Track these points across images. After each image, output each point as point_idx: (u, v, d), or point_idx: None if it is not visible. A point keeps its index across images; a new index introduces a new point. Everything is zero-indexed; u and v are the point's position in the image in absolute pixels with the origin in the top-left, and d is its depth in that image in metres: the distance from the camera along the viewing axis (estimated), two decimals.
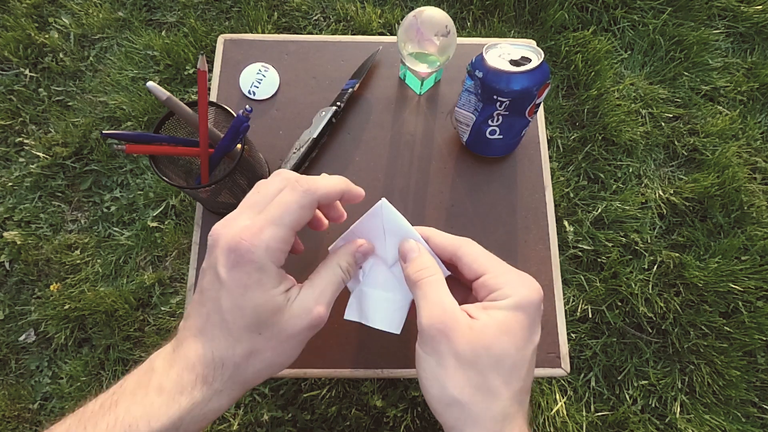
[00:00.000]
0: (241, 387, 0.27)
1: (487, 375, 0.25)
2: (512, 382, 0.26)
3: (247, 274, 0.25)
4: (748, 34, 1.27)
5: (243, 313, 0.25)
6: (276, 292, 0.26)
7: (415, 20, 0.46)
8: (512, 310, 0.26)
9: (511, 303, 0.26)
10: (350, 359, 0.46)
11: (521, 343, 0.26)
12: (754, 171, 1.15)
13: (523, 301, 0.27)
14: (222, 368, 0.26)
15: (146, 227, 1.05)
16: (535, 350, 0.27)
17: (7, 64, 1.21)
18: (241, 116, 0.42)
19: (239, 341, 0.26)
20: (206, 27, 1.23)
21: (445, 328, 0.26)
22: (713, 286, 1.02)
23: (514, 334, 0.26)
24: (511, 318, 0.26)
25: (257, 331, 0.26)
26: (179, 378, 0.25)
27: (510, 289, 0.27)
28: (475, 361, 0.25)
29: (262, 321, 0.26)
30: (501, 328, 0.26)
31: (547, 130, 1.11)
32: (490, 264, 0.29)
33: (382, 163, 0.53)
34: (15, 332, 0.99)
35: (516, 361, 0.26)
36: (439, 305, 0.27)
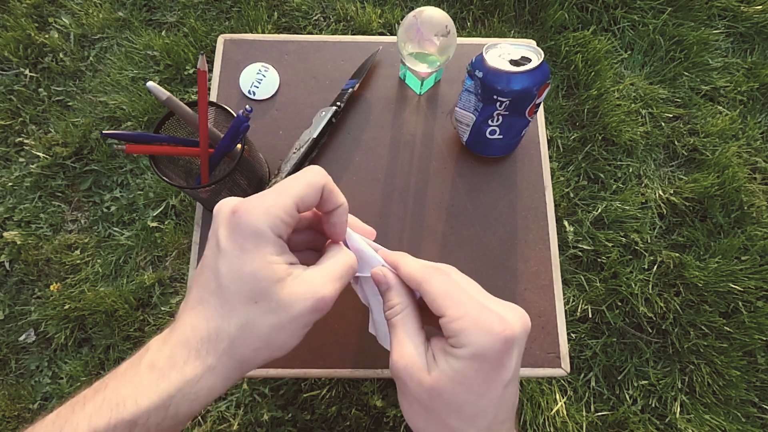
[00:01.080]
0: (236, 365, 0.25)
1: (447, 420, 0.25)
2: (477, 423, 0.25)
3: (244, 238, 0.24)
4: (748, 34, 1.27)
5: (239, 276, 0.24)
6: (276, 260, 0.25)
7: (415, 20, 0.46)
8: (469, 360, 0.25)
9: (467, 353, 0.25)
10: (350, 359, 0.46)
11: (481, 390, 0.25)
12: (754, 171, 1.15)
13: (480, 350, 0.25)
14: (216, 340, 0.24)
15: (146, 227, 1.05)
16: (508, 384, 0.26)
17: (7, 64, 1.21)
18: (241, 116, 0.42)
19: (234, 310, 0.25)
20: (206, 27, 1.23)
21: (406, 374, 0.26)
22: (713, 286, 1.02)
23: (470, 385, 0.25)
24: (467, 368, 0.25)
25: (254, 300, 0.25)
26: (172, 354, 0.24)
27: (466, 337, 0.25)
28: (434, 406, 0.26)
29: (259, 289, 0.24)
30: (456, 379, 0.25)
31: (547, 130, 1.11)
32: (450, 304, 0.26)
33: (382, 163, 0.53)
34: (15, 332, 0.99)
35: (478, 407, 0.25)
36: (404, 348, 0.27)
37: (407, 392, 0.27)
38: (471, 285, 0.29)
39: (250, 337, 0.25)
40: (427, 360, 0.26)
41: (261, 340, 0.25)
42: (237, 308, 0.25)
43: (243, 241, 0.24)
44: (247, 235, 0.24)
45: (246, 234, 0.24)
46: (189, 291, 0.27)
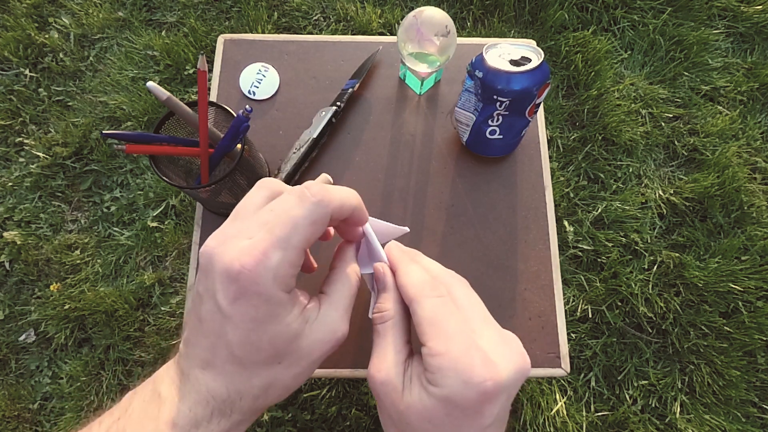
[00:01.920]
0: (260, 413, 0.25)
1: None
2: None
3: (255, 308, 0.22)
4: (748, 34, 1.27)
5: (257, 347, 0.23)
6: (291, 320, 0.23)
7: (415, 20, 0.46)
8: (440, 402, 0.23)
9: (440, 394, 0.23)
10: (350, 359, 0.46)
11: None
12: (754, 171, 1.15)
13: (453, 396, 0.22)
14: (240, 401, 0.23)
15: (146, 227, 1.05)
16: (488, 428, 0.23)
17: (7, 64, 1.21)
18: (241, 116, 0.42)
19: (256, 375, 0.23)
20: (206, 27, 1.23)
21: (382, 390, 0.25)
22: (713, 286, 1.02)
23: (438, 425, 0.23)
24: (438, 409, 0.23)
25: (276, 362, 0.23)
26: (193, 413, 0.22)
27: (441, 378, 0.23)
28: (401, 427, 0.25)
29: (280, 352, 0.23)
30: (424, 415, 0.23)
31: (547, 130, 1.11)
32: (434, 334, 0.24)
33: (382, 163, 0.53)
34: (15, 332, 0.99)
35: None
36: (384, 362, 0.25)
37: (382, 406, 0.26)
38: (473, 309, 0.26)
39: (274, 392, 0.24)
40: (404, 381, 0.25)
41: (284, 389, 0.24)
42: (258, 373, 0.23)
43: (255, 313, 0.22)
44: (258, 305, 0.22)
45: (257, 305, 0.22)
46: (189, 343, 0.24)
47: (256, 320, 0.22)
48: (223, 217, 0.51)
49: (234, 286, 0.22)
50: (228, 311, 0.22)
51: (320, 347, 0.24)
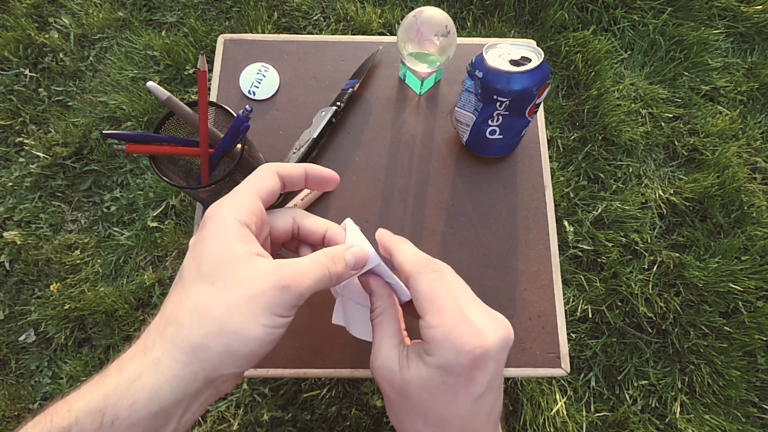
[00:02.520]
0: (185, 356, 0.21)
1: (414, 423, 0.26)
2: (444, 430, 0.26)
3: (208, 229, 0.25)
4: (748, 34, 1.27)
5: (197, 263, 0.24)
6: (235, 243, 0.24)
7: (415, 20, 0.46)
8: (435, 370, 0.25)
9: (434, 362, 0.25)
10: (350, 359, 0.46)
11: (447, 401, 0.25)
12: (754, 171, 1.15)
13: (446, 363, 0.24)
14: (164, 326, 0.22)
15: (146, 227, 1.05)
16: (480, 397, 0.25)
17: (7, 64, 1.21)
18: (241, 116, 0.42)
19: (188, 294, 0.23)
20: (206, 27, 1.23)
21: (379, 374, 0.27)
22: (713, 286, 1.02)
23: (435, 394, 0.25)
24: (433, 377, 0.25)
25: (210, 281, 0.23)
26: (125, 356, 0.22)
27: (435, 348, 0.25)
28: (403, 407, 0.26)
29: (216, 269, 0.23)
30: (422, 386, 0.25)
31: (547, 130, 1.11)
32: (430, 308, 0.26)
33: (382, 163, 0.53)
34: (15, 332, 0.99)
35: (443, 417, 0.25)
36: (380, 348, 0.28)
37: (384, 392, 0.28)
38: (461, 288, 0.28)
39: (201, 320, 0.22)
40: (400, 362, 0.27)
41: (213, 321, 0.22)
42: (191, 290, 0.23)
43: (205, 233, 0.25)
44: (210, 226, 0.25)
45: (209, 225, 0.25)
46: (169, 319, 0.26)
47: (203, 238, 0.25)
48: None
49: (204, 218, 0.26)
50: (192, 242, 0.26)
51: (259, 279, 0.23)
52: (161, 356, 0.21)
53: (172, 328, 0.22)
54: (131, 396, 0.20)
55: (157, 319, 0.24)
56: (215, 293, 0.23)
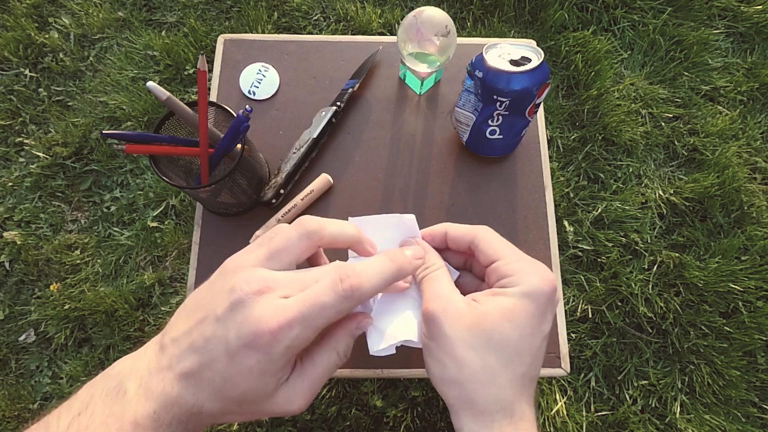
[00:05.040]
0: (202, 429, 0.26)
1: (485, 358, 0.26)
2: (513, 368, 0.26)
3: (257, 362, 0.24)
4: (748, 34, 1.27)
5: (235, 388, 0.24)
6: (271, 381, 0.25)
7: (415, 20, 0.46)
8: (520, 298, 0.26)
9: (519, 291, 0.26)
10: (350, 359, 0.46)
11: (527, 331, 0.26)
12: (754, 171, 1.15)
13: (532, 290, 0.26)
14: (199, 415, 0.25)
15: (146, 227, 1.05)
16: (544, 340, 0.27)
17: (7, 64, 1.21)
18: (241, 116, 0.42)
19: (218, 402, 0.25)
20: (206, 27, 1.23)
21: (443, 314, 0.27)
22: (713, 286, 1.02)
23: (519, 322, 0.26)
24: (518, 305, 0.26)
25: (237, 405, 0.25)
26: (157, 415, 0.24)
27: (520, 277, 0.27)
28: (473, 343, 0.26)
29: (247, 400, 0.25)
30: (505, 315, 0.26)
31: (547, 130, 1.11)
32: (504, 251, 0.29)
33: (382, 163, 0.53)
34: (15, 332, 0.99)
35: (519, 348, 0.26)
36: (438, 293, 0.28)
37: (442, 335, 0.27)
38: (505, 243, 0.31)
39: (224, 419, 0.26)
40: (467, 303, 0.28)
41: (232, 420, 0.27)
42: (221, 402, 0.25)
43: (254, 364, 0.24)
44: (261, 361, 0.24)
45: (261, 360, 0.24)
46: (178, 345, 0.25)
47: (250, 370, 0.24)
48: (223, 216, 0.51)
49: (252, 336, 0.23)
50: (234, 349, 0.24)
51: (273, 409, 0.26)
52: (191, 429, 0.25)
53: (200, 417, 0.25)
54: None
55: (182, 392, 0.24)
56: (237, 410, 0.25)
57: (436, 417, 0.92)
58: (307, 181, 0.51)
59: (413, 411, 0.91)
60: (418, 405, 0.92)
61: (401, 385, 0.93)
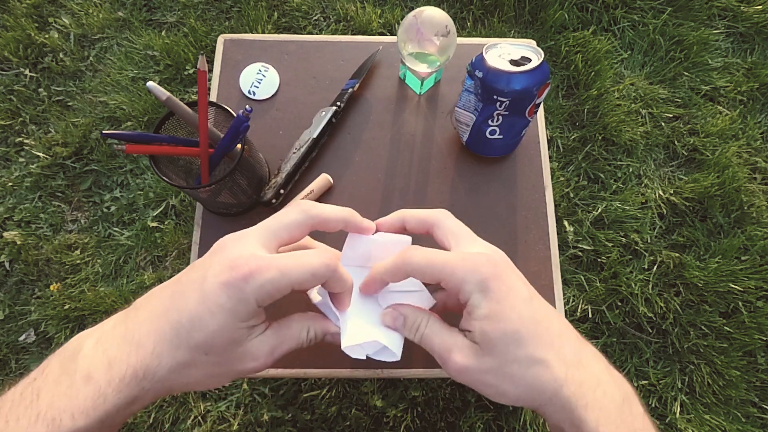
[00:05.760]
0: (162, 394, 0.25)
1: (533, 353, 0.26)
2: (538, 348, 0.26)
3: (228, 297, 0.24)
4: (748, 34, 1.27)
5: (201, 327, 0.24)
6: (243, 324, 0.25)
7: (415, 20, 0.46)
8: (483, 319, 0.26)
9: (480, 314, 0.26)
10: (350, 359, 0.46)
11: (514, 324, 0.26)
12: (754, 171, 1.15)
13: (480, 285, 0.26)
14: (157, 368, 0.24)
15: (146, 227, 1.05)
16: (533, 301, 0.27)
17: (7, 64, 1.21)
18: (241, 116, 0.42)
19: (181, 349, 0.24)
20: (206, 27, 1.23)
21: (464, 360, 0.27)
22: (713, 286, 1.02)
23: (504, 326, 0.26)
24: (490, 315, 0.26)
25: (204, 351, 0.24)
26: (110, 366, 0.23)
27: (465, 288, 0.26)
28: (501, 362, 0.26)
29: (214, 345, 0.24)
30: (492, 328, 0.26)
31: (547, 130, 1.11)
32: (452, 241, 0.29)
33: (382, 163, 0.53)
34: (15, 332, 0.99)
35: (528, 334, 0.26)
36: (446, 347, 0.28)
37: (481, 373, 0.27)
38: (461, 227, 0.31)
39: (183, 378, 0.25)
40: (467, 339, 0.27)
41: (191, 378, 0.25)
42: (184, 349, 0.24)
43: (224, 301, 0.24)
44: (231, 296, 0.24)
45: (231, 295, 0.24)
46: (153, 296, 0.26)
47: (221, 307, 0.24)
48: (223, 216, 0.51)
49: (227, 271, 0.24)
50: (208, 287, 0.24)
51: (243, 363, 0.26)
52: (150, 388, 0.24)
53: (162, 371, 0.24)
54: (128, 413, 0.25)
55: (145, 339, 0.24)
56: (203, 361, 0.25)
57: (436, 417, 0.92)
58: (307, 181, 0.52)
59: (413, 411, 0.91)
60: (418, 405, 0.92)
61: (401, 385, 0.93)
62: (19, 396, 0.23)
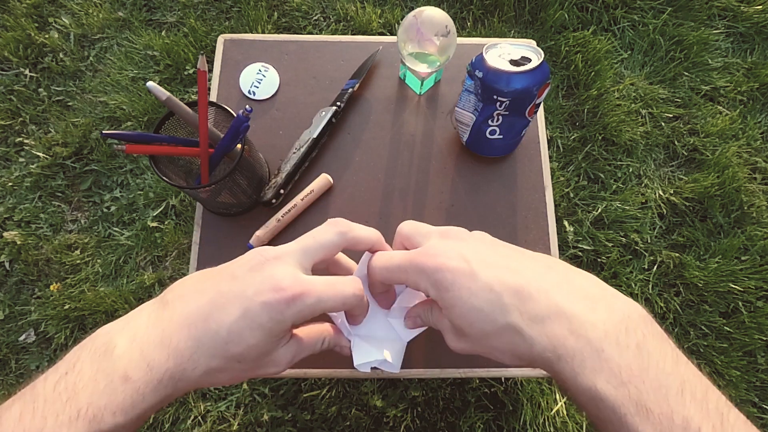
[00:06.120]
0: (192, 389, 0.27)
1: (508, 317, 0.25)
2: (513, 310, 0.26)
3: (269, 319, 0.25)
4: (748, 34, 1.27)
5: (239, 342, 0.25)
6: (274, 341, 0.27)
7: (415, 20, 0.46)
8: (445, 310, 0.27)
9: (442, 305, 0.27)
10: (350, 359, 0.46)
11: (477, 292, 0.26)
12: (754, 171, 1.15)
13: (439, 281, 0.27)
14: (193, 371, 0.25)
15: (146, 227, 1.05)
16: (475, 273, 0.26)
17: (7, 64, 1.21)
18: (241, 116, 0.42)
19: (216, 358, 0.25)
20: (206, 27, 1.23)
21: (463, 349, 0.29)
22: (713, 286, 1.02)
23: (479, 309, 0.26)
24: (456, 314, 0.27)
25: (237, 361, 0.26)
26: (149, 369, 0.24)
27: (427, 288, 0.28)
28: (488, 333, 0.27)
29: (247, 357, 0.26)
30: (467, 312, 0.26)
31: (547, 130, 1.11)
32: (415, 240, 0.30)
33: (382, 163, 0.53)
34: (15, 332, 0.99)
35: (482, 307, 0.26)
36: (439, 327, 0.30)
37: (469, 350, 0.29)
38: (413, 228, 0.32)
39: (213, 380, 0.26)
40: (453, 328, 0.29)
41: (218, 382, 0.27)
42: (223, 358, 0.25)
43: (265, 321, 0.25)
44: (272, 317, 0.25)
45: (273, 316, 0.25)
46: (185, 299, 0.26)
47: (261, 327, 0.25)
48: (223, 216, 0.51)
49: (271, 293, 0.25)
50: (249, 304, 0.25)
51: (267, 368, 0.28)
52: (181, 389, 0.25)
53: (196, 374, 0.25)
54: (159, 406, 0.26)
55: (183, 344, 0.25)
56: (234, 369, 0.26)
57: (436, 417, 0.92)
58: (307, 181, 0.52)
59: (413, 411, 0.91)
60: (418, 405, 0.92)
61: (401, 385, 0.93)
62: (51, 391, 0.23)
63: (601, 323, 0.24)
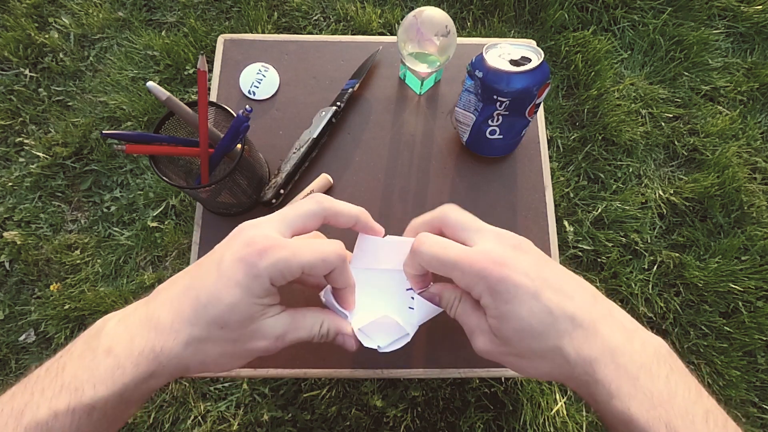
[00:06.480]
0: (179, 372, 0.26)
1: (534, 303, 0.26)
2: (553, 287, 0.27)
3: (244, 274, 0.25)
4: (748, 34, 1.27)
5: (217, 302, 0.25)
6: (257, 301, 0.26)
7: (415, 20, 0.46)
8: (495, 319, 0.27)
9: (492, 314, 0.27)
10: (350, 359, 0.46)
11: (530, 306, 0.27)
12: (754, 171, 1.15)
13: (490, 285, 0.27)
14: (174, 342, 0.25)
15: (146, 227, 1.05)
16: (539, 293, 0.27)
17: (7, 64, 1.21)
18: (241, 116, 0.42)
19: (197, 325, 0.25)
20: (206, 27, 1.23)
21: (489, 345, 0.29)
22: (713, 286, 1.02)
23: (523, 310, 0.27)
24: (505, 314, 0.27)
25: (219, 326, 0.26)
26: (131, 342, 0.25)
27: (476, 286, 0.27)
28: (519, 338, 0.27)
29: (229, 320, 0.26)
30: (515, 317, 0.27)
31: (547, 130, 1.11)
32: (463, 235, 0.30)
33: (382, 163, 0.53)
34: (15, 332, 0.99)
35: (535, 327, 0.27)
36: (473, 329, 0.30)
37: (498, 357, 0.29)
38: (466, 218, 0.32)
39: (199, 355, 0.26)
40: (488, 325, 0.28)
41: (207, 356, 0.26)
42: (203, 327, 0.25)
43: (240, 276, 0.25)
44: (246, 273, 0.25)
45: (246, 272, 0.25)
46: (172, 282, 0.28)
47: (237, 283, 0.25)
48: (223, 216, 0.51)
49: (243, 247, 0.26)
50: (224, 265, 0.26)
51: (258, 340, 0.27)
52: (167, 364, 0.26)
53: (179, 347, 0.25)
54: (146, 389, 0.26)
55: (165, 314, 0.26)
56: (219, 336, 0.26)
57: (436, 417, 0.92)
58: (307, 181, 0.52)
59: (413, 411, 0.91)
60: (418, 405, 0.92)
61: (401, 385, 0.93)
62: (44, 371, 0.25)
63: (638, 355, 0.26)
